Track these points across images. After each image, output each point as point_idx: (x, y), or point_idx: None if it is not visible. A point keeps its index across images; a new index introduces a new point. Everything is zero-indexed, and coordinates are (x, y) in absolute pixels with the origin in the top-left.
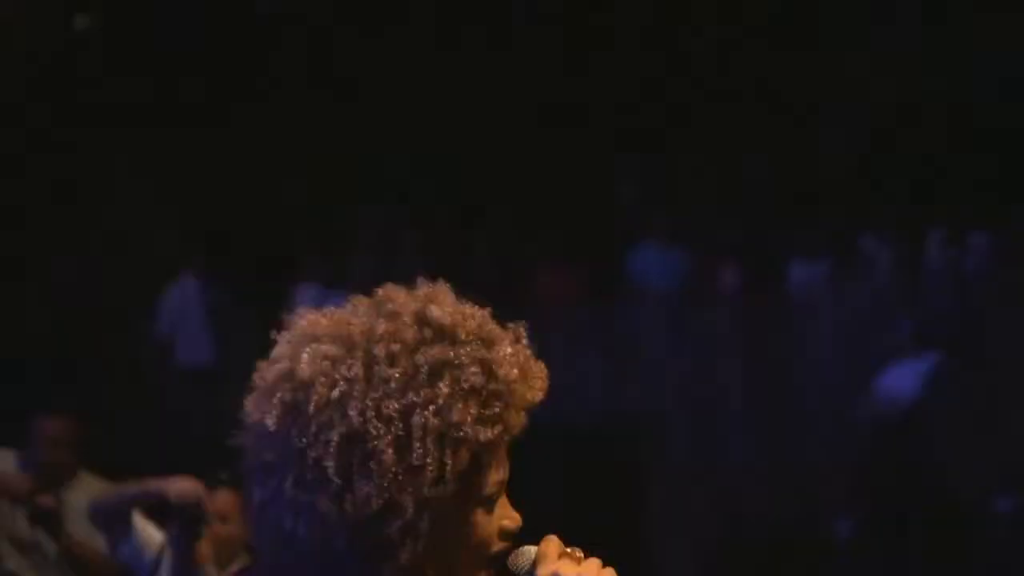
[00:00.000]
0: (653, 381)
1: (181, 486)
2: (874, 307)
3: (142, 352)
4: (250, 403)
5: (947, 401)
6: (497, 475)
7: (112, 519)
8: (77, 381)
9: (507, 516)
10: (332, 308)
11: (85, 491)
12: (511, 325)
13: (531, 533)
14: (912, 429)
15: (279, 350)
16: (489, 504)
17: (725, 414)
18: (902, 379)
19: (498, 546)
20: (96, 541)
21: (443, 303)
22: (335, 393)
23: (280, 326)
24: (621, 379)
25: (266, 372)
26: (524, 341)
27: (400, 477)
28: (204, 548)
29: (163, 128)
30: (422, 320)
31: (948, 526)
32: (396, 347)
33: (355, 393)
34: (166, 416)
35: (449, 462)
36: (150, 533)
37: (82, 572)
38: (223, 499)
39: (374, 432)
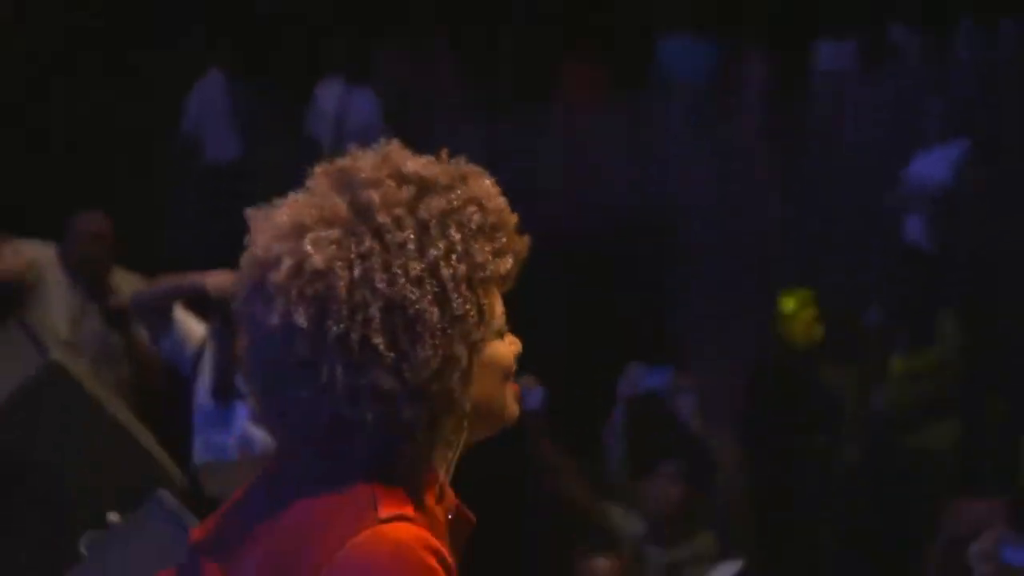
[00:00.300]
0: (681, 174)
1: (220, 278)
2: (903, 95)
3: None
4: (257, 309)
5: (976, 187)
6: (501, 306)
7: (153, 313)
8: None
9: (513, 341)
10: (291, 198)
11: (120, 286)
12: (456, 159)
13: (563, 328)
14: (942, 215)
15: (270, 252)
16: (502, 334)
17: (753, 204)
18: (932, 166)
19: (513, 369)
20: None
21: (407, 157)
22: (357, 272)
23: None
24: (648, 173)
25: (267, 275)
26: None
27: (448, 330)
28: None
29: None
30: (403, 179)
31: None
32: (398, 211)
33: (377, 266)
34: (194, 214)
35: (485, 302)
36: (191, 327)
37: (140, 368)
38: None
39: (412, 296)
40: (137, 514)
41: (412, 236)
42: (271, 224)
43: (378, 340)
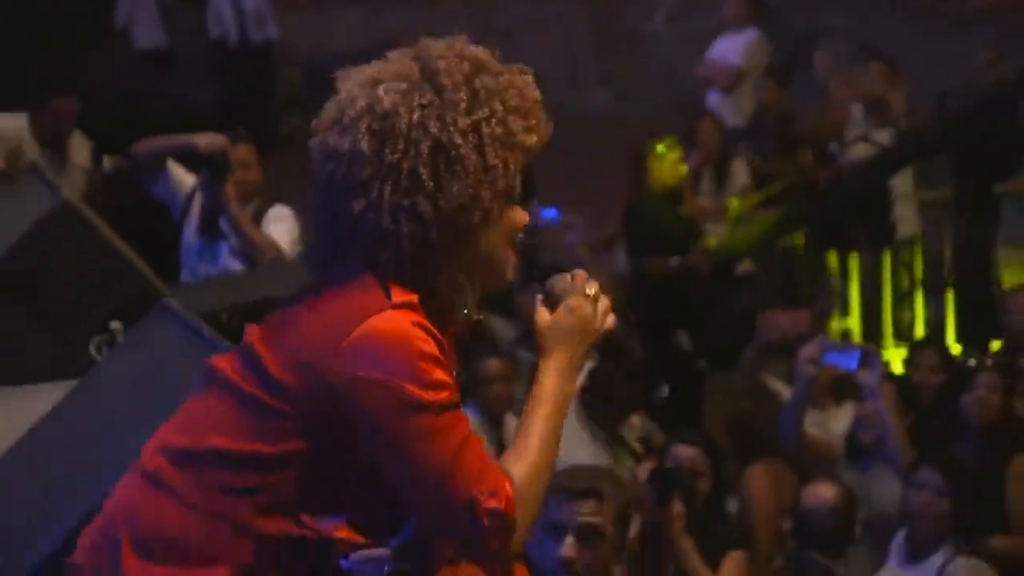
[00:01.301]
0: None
1: (210, 138)
2: None
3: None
4: (331, 138)
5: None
6: (519, 180)
7: (150, 163)
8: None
9: (524, 214)
10: (373, 64)
11: (78, 148)
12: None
13: None
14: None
15: (350, 95)
16: (515, 203)
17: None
18: (728, 49)
19: (520, 235)
20: None
21: (472, 46)
22: (415, 116)
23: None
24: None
25: (346, 111)
26: None
27: (480, 176)
28: (229, 189)
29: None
30: (464, 57)
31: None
32: (458, 76)
33: (432, 115)
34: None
35: (513, 163)
36: (182, 177)
37: None
38: (242, 150)
39: (458, 141)
40: (146, 320)
41: (464, 98)
42: (355, 78)
43: (423, 171)
